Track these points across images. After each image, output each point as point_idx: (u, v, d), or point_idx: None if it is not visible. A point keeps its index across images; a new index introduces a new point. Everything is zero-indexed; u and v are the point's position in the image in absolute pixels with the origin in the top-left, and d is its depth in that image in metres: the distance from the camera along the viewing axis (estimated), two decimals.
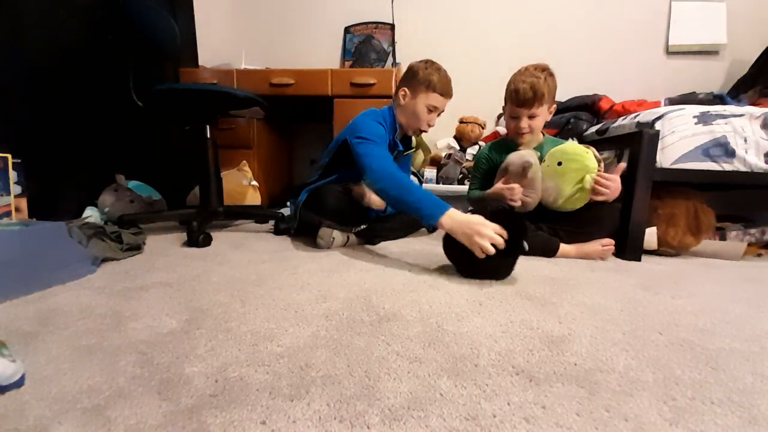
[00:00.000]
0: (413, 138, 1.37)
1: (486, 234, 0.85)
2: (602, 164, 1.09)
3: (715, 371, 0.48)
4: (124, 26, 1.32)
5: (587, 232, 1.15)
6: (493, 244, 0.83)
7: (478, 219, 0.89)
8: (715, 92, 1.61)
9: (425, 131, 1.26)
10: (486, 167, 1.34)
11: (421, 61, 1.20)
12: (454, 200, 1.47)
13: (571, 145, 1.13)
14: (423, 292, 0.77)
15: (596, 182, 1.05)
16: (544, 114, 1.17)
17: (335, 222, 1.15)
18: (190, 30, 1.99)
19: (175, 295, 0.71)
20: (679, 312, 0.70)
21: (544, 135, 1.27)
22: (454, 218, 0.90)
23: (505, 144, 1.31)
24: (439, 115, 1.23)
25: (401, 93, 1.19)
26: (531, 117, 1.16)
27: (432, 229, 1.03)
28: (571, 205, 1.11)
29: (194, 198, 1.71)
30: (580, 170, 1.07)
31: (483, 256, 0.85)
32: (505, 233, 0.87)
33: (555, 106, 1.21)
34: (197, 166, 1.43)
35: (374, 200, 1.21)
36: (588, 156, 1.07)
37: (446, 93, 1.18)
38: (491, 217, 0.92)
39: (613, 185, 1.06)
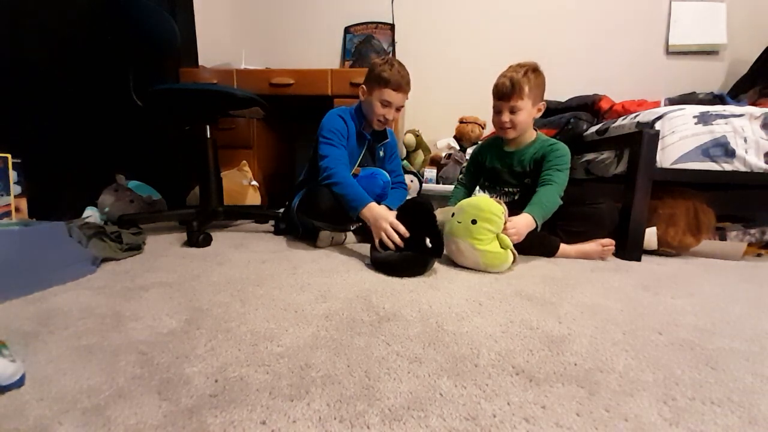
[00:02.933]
0: (411, 136, 1.37)
1: (383, 228, 0.96)
2: (506, 213, 0.98)
3: (715, 371, 0.48)
4: (124, 26, 1.31)
5: (587, 231, 1.15)
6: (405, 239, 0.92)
7: (386, 215, 0.99)
8: (715, 92, 1.61)
9: (385, 125, 1.27)
10: (472, 165, 1.41)
11: (378, 59, 1.24)
12: None
13: (485, 201, 0.99)
14: (423, 292, 0.77)
15: (509, 235, 0.97)
16: (527, 109, 1.13)
17: (330, 222, 1.17)
18: (190, 30, 1.99)
19: (175, 295, 0.71)
20: (679, 312, 0.70)
21: (538, 135, 1.23)
22: (372, 211, 1.03)
23: (495, 142, 1.31)
24: (398, 110, 1.24)
25: (361, 90, 1.25)
26: (512, 111, 1.14)
27: (356, 219, 1.10)
28: (495, 266, 0.96)
29: (194, 198, 1.71)
30: (494, 230, 0.95)
31: (381, 248, 0.94)
32: (402, 230, 0.94)
33: (543, 104, 1.17)
34: (197, 166, 1.43)
35: None
36: (501, 216, 0.96)
37: (399, 88, 1.19)
38: (397, 213, 1.00)
39: (515, 230, 0.98)
